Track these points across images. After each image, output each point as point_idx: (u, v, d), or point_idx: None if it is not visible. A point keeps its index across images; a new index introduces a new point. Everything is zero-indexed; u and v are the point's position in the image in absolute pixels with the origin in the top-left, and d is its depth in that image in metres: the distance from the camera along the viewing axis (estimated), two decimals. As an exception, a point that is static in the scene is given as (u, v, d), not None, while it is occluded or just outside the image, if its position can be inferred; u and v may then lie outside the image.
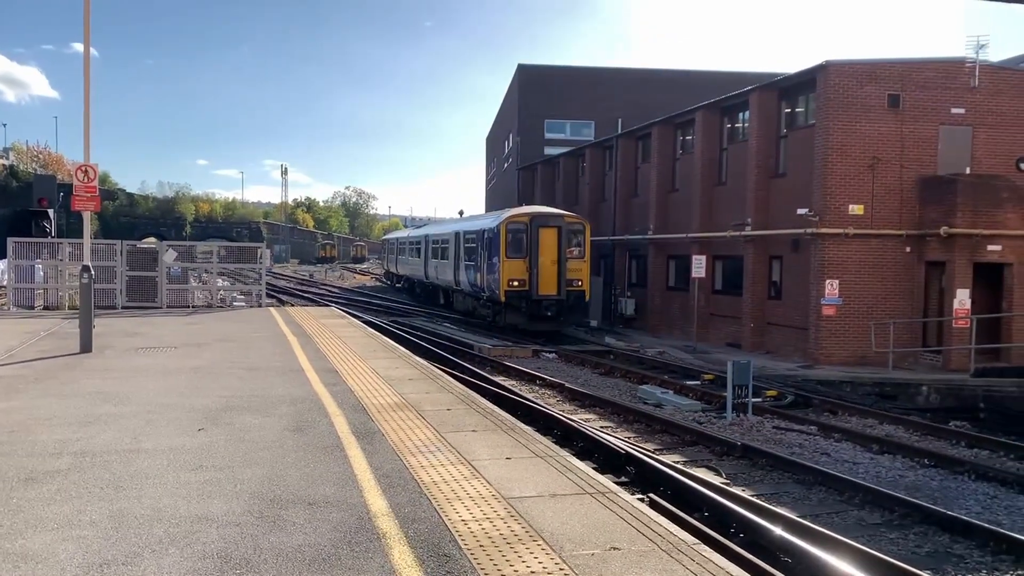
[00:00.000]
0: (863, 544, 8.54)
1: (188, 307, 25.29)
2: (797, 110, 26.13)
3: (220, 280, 31.18)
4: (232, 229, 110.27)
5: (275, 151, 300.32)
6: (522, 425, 9.36)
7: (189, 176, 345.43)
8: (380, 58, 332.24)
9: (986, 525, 9.23)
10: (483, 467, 7.26)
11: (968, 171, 23.37)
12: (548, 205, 38.74)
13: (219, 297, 28.00)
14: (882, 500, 10.21)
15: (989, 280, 22.88)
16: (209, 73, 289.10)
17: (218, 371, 12.55)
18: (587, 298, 28.97)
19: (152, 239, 70.48)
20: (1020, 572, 8.24)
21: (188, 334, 17.79)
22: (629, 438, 13.26)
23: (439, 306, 39.08)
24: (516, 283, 27.44)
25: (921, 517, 9.66)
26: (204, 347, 15.51)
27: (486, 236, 29.33)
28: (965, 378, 19.89)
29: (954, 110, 23.63)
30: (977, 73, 23.58)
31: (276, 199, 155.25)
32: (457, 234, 34.62)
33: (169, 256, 25.18)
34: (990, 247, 22.47)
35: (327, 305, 34.17)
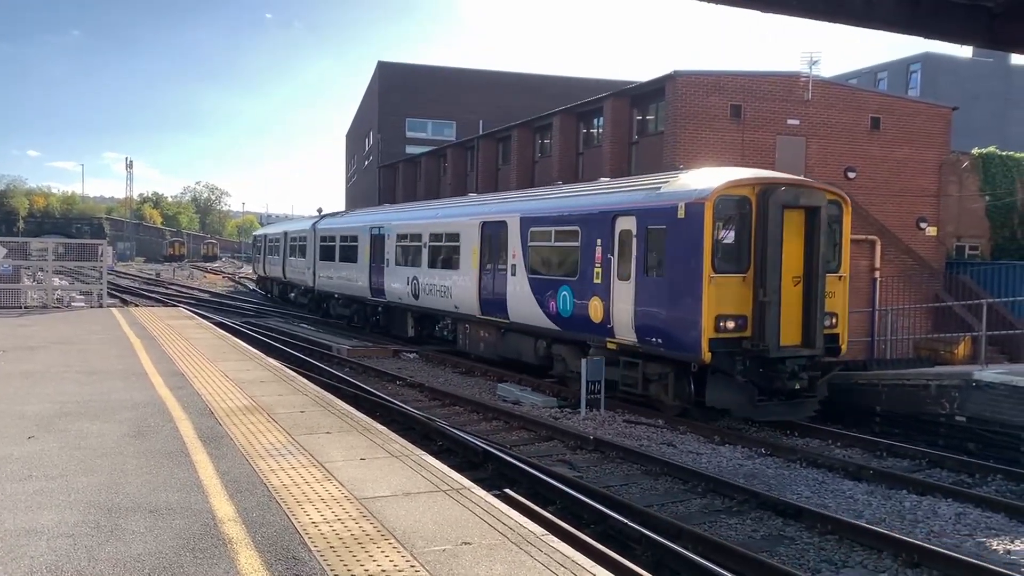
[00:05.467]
0: (704, 530, 9.03)
1: (20, 307, 23.60)
2: (648, 117, 27.23)
3: (57, 279, 29.25)
4: (71, 225, 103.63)
5: (117, 143, 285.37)
6: (378, 426, 9.31)
7: (19, 168, 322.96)
8: (222, 50, 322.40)
9: (814, 509, 9.91)
10: (336, 469, 7.18)
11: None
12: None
13: (56, 297, 26.23)
14: (723, 488, 10.79)
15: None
16: (36, 58, 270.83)
17: (53, 375, 11.79)
18: (843, 349, 15.21)
19: (-22, 235, 65.17)
20: (843, 550, 8.90)
21: (19, 336, 16.60)
22: (487, 435, 13.42)
23: (407, 340, 25.11)
24: (731, 324, 13.54)
25: (758, 503, 10.26)
26: (37, 350, 14.53)
27: (634, 226, 14.99)
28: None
29: (790, 121, 25.30)
30: (810, 87, 25.32)
31: (120, 194, 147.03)
32: (496, 224, 19.69)
33: (-3, 253, 23.40)
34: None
35: (174, 305, 32.69)
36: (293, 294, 39.68)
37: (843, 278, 15.08)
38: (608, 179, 19.35)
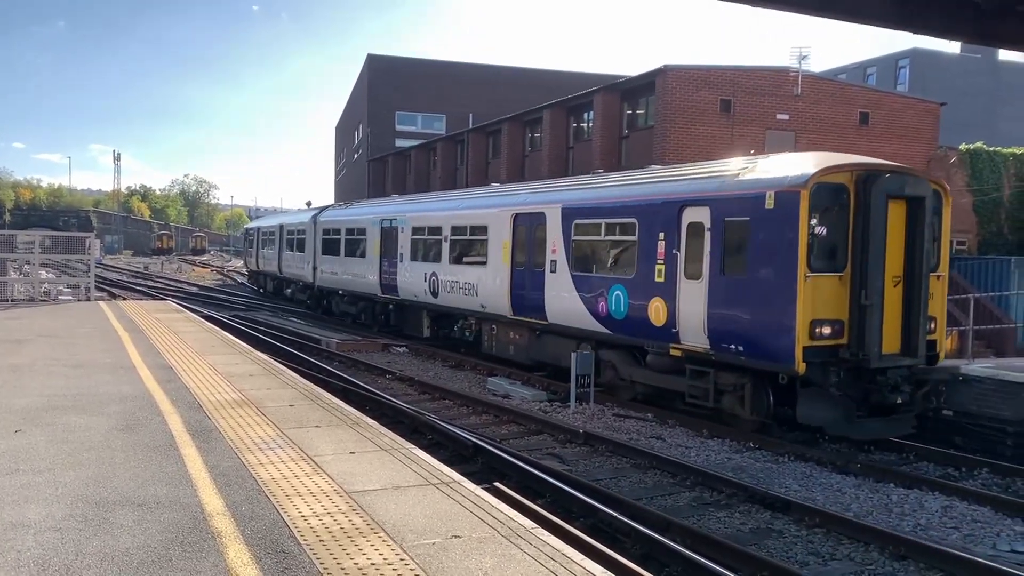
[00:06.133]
0: (693, 524, 9.06)
1: (7, 300, 23.47)
2: (638, 112, 27.24)
3: (44, 272, 29.09)
4: (59, 218, 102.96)
5: (104, 136, 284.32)
6: (368, 419, 9.32)
7: (5, 160, 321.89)
8: (209, 42, 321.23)
9: (802, 502, 9.96)
10: (326, 462, 7.17)
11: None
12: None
13: (43, 290, 26.10)
14: (711, 481, 10.83)
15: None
16: (21, 48, 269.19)
17: (40, 369, 11.73)
18: (941, 357, 13.51)
19: (-36, 227, 64.78)
20: (831, 543, 8.95)
21: (6, 329, 16.50)
22: (477, 429, 13.43)
23: (422, 340, 23.42)
24: (826, 330, 12.01)
25: (746, 496, 10.29)
26: (24, 343, 14.44)
27: (707, 218, 13.35)
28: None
29: (779, 116, 25.39)
30: (800, 82, 25.39)
31: (108, 186, 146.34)
32: (531, 216, 17.98)
33: (-17, 246, 23.26)
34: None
35: (163, 299, 32.56)
36: (290, 290, 37.59)
37: (942, 278, 13.37)
38: (659, 166, 17.70)
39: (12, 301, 23.61)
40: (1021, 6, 12.16)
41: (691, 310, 13.47)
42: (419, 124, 59.83)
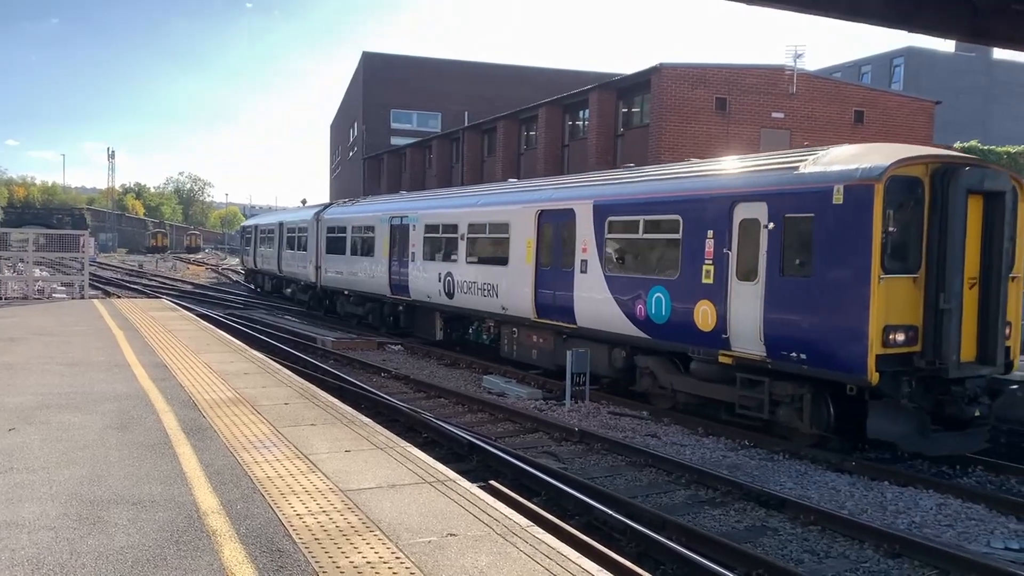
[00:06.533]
0: (688, 521, 9.07)
1: (1, 299, 23.39)
2: (633, 110, 27.26)
3: (38, 270, 29.01)
4: (53, 216, 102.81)
5: (98, 133, 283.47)
6: (363, 417, 9.31)
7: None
8: (201, 39, 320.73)
9: (797, 500, 9.97)
10: (321, 461, 7.16)
11: (787, 172, 25.13)
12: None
13: (37, 288, 26.03)
14: (707, 479, 10.84)
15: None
16: (14, 46, 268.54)
17: (33, 367, 11.70)
18: (1016, 365, 12.56)
19: (-42, 225, 64.59)
20: (826, 541, 8.97)
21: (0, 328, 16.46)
22: (473, 427, 13.43)
23: (434, 343, 22.62)
24: (900, 336, 11.13)
25: (741, 494, 10.30)
26: (18, 342, 14.40)
27: (764, 214, 12.29)
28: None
29: (774, 114, 25.42)
30: (795, 80, 25.43)
31: (102, 184, 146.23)
32: (558, 212, 17.02)
33: (-23, 244, 23.21)
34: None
35: (157, 297, 32.49)
36: (290, 290, 36.40)
37: (1017, 279, 12.21)
38: (698, 160, 16.67)
39: (6, 300, 23.56)
40: (1016, 4, 12.19)
41: (744, 314, 12.50)
42: (414, 122, 59.76)
